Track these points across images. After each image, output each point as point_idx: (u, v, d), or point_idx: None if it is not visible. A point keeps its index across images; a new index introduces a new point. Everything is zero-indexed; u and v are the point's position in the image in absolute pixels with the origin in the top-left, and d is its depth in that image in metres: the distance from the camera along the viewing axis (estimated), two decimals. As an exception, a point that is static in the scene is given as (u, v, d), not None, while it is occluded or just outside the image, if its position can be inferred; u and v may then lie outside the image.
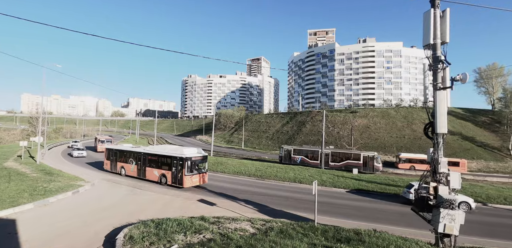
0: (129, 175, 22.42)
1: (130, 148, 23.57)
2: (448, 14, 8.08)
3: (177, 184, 18.64)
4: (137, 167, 21.70)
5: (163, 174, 19.73)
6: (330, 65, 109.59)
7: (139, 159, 21.64)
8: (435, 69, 7.93)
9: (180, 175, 18.50)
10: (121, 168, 23.08)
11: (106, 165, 24.64)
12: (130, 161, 22.41)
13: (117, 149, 24.02)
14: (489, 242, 11.20)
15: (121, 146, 25.64)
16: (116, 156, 23.74)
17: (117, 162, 23.57)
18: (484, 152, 51.47)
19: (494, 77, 67.28)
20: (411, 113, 64.86)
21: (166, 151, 20.45)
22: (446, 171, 8.20)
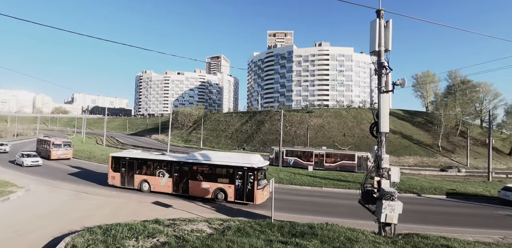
0: (156, 191, 17.38)
1: (160, 157, 18.31)
2: (391, 24, 8.95)
3: (245, 200, 15.26)
4: (174, 180, 16.93)
5: (220, 189, 15.84)
6: (288, 66, 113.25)
7: (178, 170, 16.99)
8: (379, 74, 8.73)
9: (249, 189, 15.13)
10: (143, 182, 17.71)
11: (114, 179, 18.53)
12: (159, 173, 17.44)
13: (135, 158, 18.40)
14: (422, 228, 12.70)
15: (140, 153, 20.18)
16: (132, 167, 18.13)
17: (134, 175, 17.98)
18: (420, 149, 58.19)
19: (427, 83, 76.41)
20: (360, 113, 70.31)
21: (224, 159, 16.37)
22: (388, 166, 9.08)
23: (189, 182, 16.54)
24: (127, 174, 18.22)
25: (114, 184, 18.47)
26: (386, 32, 8.85)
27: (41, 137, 38.00)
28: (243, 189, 15.29)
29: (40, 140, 35.93)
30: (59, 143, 31.91)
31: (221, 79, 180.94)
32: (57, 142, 31.94)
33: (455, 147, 60.33)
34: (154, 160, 18.02)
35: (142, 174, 17.93)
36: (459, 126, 64.88)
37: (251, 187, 15.12)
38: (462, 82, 67.85)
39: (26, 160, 25.64)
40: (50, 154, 30.77)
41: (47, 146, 31.92)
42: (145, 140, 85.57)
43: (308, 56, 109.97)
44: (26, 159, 25.80)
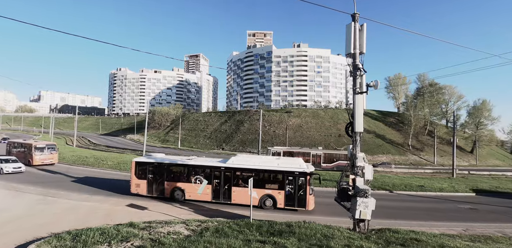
0: (192, 199, 15.88)
1: (197, 162, 16.74)
2: (365, 28, 9.30)
3: (297, 206, 14.63)
4: (213, 187, 15.58)
5: (268, 195, 15.01)
6: (267, 67, 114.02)
7: (218, 176, 15.63)
8: (354, 75, 9.05)
9: (301, 194, 14.54)
10: (176, 190, 16.06)
11: (138, 187, 16.48)
12: (195, 180, 15.93)
13: (166, 163, 16.62)
14: (394, 223, 13.33)
15: (167, 158, 18.16)
16: (162, 173, 16.38)
17: (165, 182, 16.24)
18: (392, 148, 61.06)
19: (399, 85, 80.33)
20: (337, 114, 72.43)
21: (269, 164, 15.56)
22: (362, 164, 9.43)
23: (232, 189, 15.34)
24: (155, 181, 16.30)
25: (139, 192, 16.51)
26: (361, 36, 9.19)
27: (15, 140, 33.08)
28: (294, 195, 14.68)
29: (12, 143, 31.24)
30: (41, 146, 27.54)
31: (200, 78, 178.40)
32: (40, 145, 27.58)
33: (423, 145, 63.98)
34: (190, 166, 16.33)
35: (175, 181, 16.20)
36: (427, 126, 68.89)
37: (303, 192, 14.54)
38: (430, 85, 72.04)
39: (5, 167, 22.23)
40: (31, 159, 26.67)
41: (27, 150, 27.57)
42: (120, 141, 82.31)
43: (287, 57, 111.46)
44: (6, 165, 22.39)
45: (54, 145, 29.34)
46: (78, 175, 22.99)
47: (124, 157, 35.93)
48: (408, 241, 8.00)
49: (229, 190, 15.43)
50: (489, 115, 67.51)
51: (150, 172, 16.52)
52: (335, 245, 7.45)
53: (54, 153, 28.51)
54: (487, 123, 67.74)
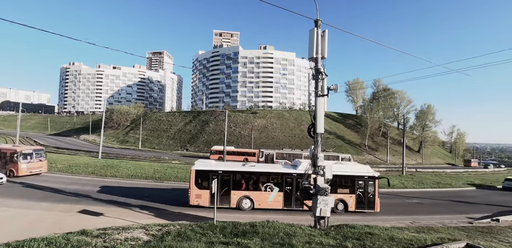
0: (261, 208, 15.20)
1: (266, 169, 16.00)
2: (327, 34, 9.78)
3: (366, 209, 15.43)
4: (285, 194, 15.08)
5: (340, 200, 15.33)
6: (234, 67, 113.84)
7: (290, 183, 15.18)
8: (316, 79, 9.46)
9: (370, 197, 15.44)
10: (243, 199, 15.17)
11: (199, 198, 14.99)
12: (265, 188, 15.23)
13: (232, 171, 15.47)
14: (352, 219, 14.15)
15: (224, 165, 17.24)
16: (228, 182, 15.23)
17: (231, 191, 15.15)
18: (350, 148, 64.83)
19: (357, 89, 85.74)
20: (300, 115, 74.86)
21: (343, 169, 15.67)
22: (323, 164, 9.87)
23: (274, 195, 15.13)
24: (219, 191, 14.91)
25: (200, 204, 15.01)
26: (323, 41, 9.64)
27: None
28: (364, 198, 15.43)
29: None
30: (29, 152, 22.14)
31: (164, 76, 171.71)
32: (27, 151, 22.19)
33: (378, 146, 69.05)
34: (260, 173, 15.57)
35: (242, 190, 15.26)
36: (382, 127, 74.52)
37: (372, 195, 15.37)
38: (384, 90, 78.09)
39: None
40: (16, 168, 21.34)
41: (8, 157, 21.90)
42: (72, 141, 75.67)
43: (254, 58, 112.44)
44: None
45: (42, 150, 24.02)
46: (20, 180, 20.62)
47: (77, 159, 33.11)
48: (363, 235, 8.55)
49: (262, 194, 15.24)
50: (433, 118, 75.27)
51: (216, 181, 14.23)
52: (297, 242, 7.68)
53: (43, 160, 23.36)
54: (431, 125, 75.45)
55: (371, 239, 7.84)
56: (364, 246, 7.19)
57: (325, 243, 7.61)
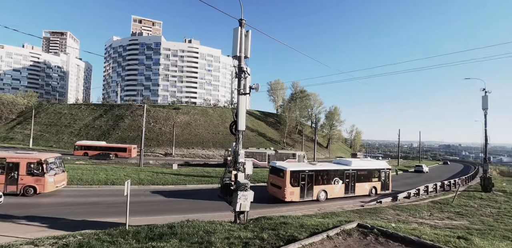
0: (331, 197, 19.69)
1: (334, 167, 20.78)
2: (250, 35, 10.06)
3: (386, 190, 22.69)
4: (345, 185, 20.49)
5: (373, 186, 22.00)
6: (155, 58, 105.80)
7: (347, 176, 20.64)
8: (239, 77, 9.63)
9: (387, 183, 22.87)
10: (321, 192, 19.27)
11: (292, 195, 17.86)
12: (334, 182, 20.01)
13: (315, 170, 19.30)
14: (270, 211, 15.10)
15: (306, 165, 20.21)
16: (311, 179, 18.81)
17: (313, 186, 18.87)
18: (271, 145, 69.03)
19: (278, 89, 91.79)
20: (225, 112, 75.35)
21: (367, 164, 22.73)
22: (243, 160, 10.16)
23: (356, 185, 20.77)
24: (306, 187, 18.48)
25: (293, 199, 17.91)
26: (246, 41, 9.86)
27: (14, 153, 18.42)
28: (385, 183, 22.57)
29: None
30: (52, 161, 17.50)
31: (67, 62, 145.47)
32: (51, 159, 17.30)
33: (295, 142, 75.74)
34: (332, 170, 20.05)
35: (320, 184, 19.20)
36: (298, 126, 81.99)
37: (388, 181, 22.75)
38: (301, 91, 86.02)
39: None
40: (43, 183, 16.33)
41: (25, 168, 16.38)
42: None
43: (178, 51, 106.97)
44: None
45: (61, 158, 19.10)
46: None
47: None
48: (278, 225, 9.21)
49: (354, 186, 20.73)
50: (339, 119, 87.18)
51: (302, 179, 18.39)
52: (216, 239, 7.69)
53: (64, 170, 18.83)
54: (337, 124, 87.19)
55: (284, 228, 8.52)
56: (278, 235, 7.75)
57: (243, 237, 7.87)
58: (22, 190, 16.28)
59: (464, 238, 7.71)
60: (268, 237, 7.63)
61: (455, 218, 15.12)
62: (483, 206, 18.96)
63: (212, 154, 56.37)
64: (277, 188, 18.36)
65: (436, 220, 14.58)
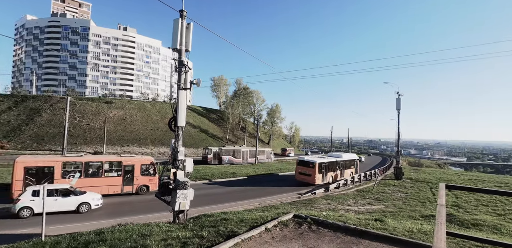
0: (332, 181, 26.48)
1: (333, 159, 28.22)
2: (192, 28, 9.67)
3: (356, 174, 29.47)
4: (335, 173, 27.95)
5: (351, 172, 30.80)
6: (82, 45, 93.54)
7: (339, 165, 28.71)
8: (179, 71, 9.19)
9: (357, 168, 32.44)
10: (330, 177, 26.92)
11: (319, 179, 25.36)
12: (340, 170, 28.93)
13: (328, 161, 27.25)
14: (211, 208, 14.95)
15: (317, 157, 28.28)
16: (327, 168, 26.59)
17: (328, 173, 26.70)
18: (214, 141, 68.28)
19: (221, 86, 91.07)
20: (165, 108, 71.36)
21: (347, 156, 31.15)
22: (183, 158, 9.79)
23: (344, 171, 29.23)
24: (324, 173, 25.93)
25: (318, 183, 24.94)
26: (187, 34, 9.45)
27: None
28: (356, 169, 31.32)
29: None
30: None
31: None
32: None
33: (237, 139, 76.43)
34: (335, 162, 27.91)
35: (330, 172, 26.87)
36: (241, 122, 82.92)
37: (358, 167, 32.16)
38: (244, 88, 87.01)
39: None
40: (154, 182, 18.74)
41: (142, 169, 18.79)
42: None
43: (110, 39, 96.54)
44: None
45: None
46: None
47: None
48: (218, 222, 9.17)
49: (343, 171, 29.14)
50: (280, 116, 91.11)
51: (323, 168, 25.73)
52: (151, 242, 7.26)
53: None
54: (278, 121, 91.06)
55: (225, 224, 8.54)
56: (218, 232, 7.73)
57: (182, 237, 7.61)
58: (137, 190, 18.39)
59: (380, 220, 8.94)
60: (207, 234, 7.55)
61: (374, 203, 17.43)
62: (395, 191, 22.31)
63: (150, 152, 52.92)
64: (306, 176, 25.19)
65: (360, 206, 16.57)
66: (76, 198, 13.74)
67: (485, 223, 12.28)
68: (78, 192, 14.16)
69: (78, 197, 13.79)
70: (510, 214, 15.04)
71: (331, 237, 6.87)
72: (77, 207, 13.64)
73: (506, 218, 14.30)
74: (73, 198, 13.65)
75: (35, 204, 12.41)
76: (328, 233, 7.25)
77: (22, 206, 12.41)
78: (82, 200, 13.82)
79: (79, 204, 13.70)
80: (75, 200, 13.69)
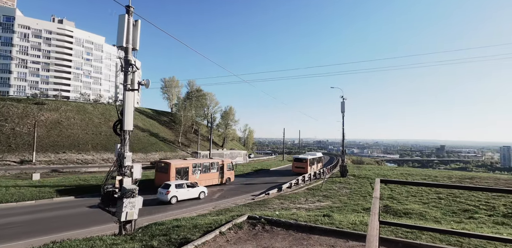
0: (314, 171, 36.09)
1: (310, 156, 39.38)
2: (139, 25, 9.12)
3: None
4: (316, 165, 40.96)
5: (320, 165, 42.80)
6: (6, 37, 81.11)
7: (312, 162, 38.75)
8: (125, 71, 8.57)
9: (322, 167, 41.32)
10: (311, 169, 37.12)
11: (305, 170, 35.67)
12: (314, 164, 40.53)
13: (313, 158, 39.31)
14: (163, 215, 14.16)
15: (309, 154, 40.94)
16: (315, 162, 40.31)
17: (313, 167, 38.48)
18: (165, 145, 65.13)
19: (173, 87, 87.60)
20: (109, 110, 65.72)
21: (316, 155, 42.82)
22: (130, 164, 9.13)
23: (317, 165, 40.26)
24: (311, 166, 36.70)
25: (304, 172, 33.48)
26: (135, 31, 8.90)
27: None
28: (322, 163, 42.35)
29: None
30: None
31: None
32: None
33: (190, 142, 74.18)
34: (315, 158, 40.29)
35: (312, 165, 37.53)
36: (194, 125, 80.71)
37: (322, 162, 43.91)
38: (197, 90, 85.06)
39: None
40: (233, 175, 30.37)
41: (227, 166, 29.14)
42: None
43: (42, 32, 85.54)
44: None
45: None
46: None
47: None
48: (170, 230, 8.76)
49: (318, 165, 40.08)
50: (233, 118, 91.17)
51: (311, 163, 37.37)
52: (94, 258, 6.61)
53: None
54: (232, 124, 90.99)
55: (177, 232, 8.19)
56: (170, 240, 7.39)
57: (129, 248, 7.09)
58: (224, 181, 27.24)
59: (328, 216, 9.57)
60: (158, 244, 7.16)
61: (323, 200, 18.57)
62: (341, 188, 24.11)
63: (91, 159, 48.09)
64: (301, 168, 35.55)
65: (310, 203, 17.48)
66: (198, 188, 20.16)
67: (413, 211, 14.05)
68: (196, 184, 20.58)
69: (198, 188, 20.22)
70: (433, 202, 17.46)
71: (284, 235, 7.11)
72: (198, 195, 20.04)
73: (430, 205, 16.56)
74: (196, 188, 20.03)
75: (178, 194, 18.69)
76: (281, 231, 7.49)
77: (171, 196, 18.25)
78: (201, 190, 20.35)
79: (199, 193, 20.14)
80: (198, 190, 20.13)
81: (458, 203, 17.11)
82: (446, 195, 19.01)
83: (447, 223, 12.05)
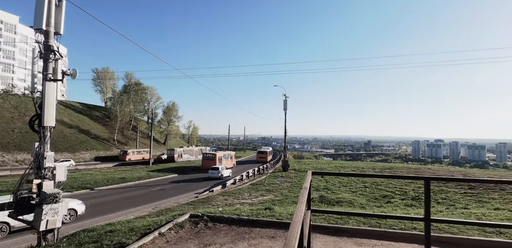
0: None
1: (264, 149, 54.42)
2: (64, 6, 7.97)
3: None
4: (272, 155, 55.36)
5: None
6: None
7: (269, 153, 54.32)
8: (46, 58, 7.39)
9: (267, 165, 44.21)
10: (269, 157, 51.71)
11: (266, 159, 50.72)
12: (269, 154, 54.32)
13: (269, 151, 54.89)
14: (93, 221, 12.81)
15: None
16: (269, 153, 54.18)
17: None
18: (97, 143, 58.76)
19: (107, 79, 79.33)
20: (25, 103, 56.06)
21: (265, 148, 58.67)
22: (52, 165, 8.01)
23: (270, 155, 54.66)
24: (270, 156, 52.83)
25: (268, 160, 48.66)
26: (58, 13, 7.73)
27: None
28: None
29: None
30: None
31: None
32: None
33: (128, 139, 68.47)
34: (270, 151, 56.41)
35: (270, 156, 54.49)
36: (132, 121, 74.66)
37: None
38: (136, 84, 78.71)
39: None
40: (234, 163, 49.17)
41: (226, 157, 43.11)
42: None
43: None
44: None
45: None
46: None
47: None
48: (102, 236, 8.00)
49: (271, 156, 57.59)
50: (177, 114, 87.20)
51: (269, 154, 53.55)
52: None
53: None
54: (175, 120, 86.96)
55: (110, 237, 7.54)
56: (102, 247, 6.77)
57: (51, 261, 6.27)
58: (233, 165, 40.77)
59: (269, 209, 9.99)
60: (87, 251, 6.49)
61: (266, 194, 19.29)
62: (283, 182, 25.38)
63: (1, 161, 40.57)
64: (263, 158, 48.39)
65: (253, 198, 17.98)
66: (228, 170, 31.58)
67: (344, 200, 15.67)
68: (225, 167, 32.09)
69: (228, 170, 31.68)
70: (360, 191, 19.75)
71: (226, 231, 7.18)
72: (229, 174, 30.91)
73: (357, 194, 18.69)
74: (228, 170, 31.54)
75: (223, 172, 29.57)
76: (223, 227, 7.54)
77: (220, 174, 28.80)
78: (230, 170, 31.88)
79: (229, 172, 31.16)
80: (228, 171, 31.41)
81: (380, 190, 19.71)
82: (370, 184, 21.69)
83: (370, 208, 13.79)
